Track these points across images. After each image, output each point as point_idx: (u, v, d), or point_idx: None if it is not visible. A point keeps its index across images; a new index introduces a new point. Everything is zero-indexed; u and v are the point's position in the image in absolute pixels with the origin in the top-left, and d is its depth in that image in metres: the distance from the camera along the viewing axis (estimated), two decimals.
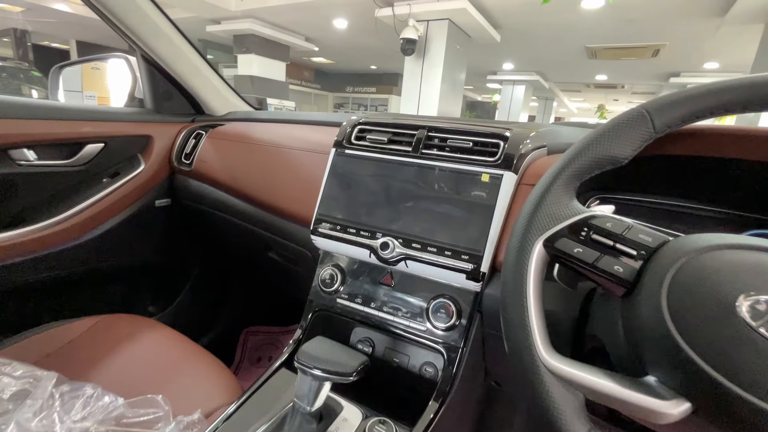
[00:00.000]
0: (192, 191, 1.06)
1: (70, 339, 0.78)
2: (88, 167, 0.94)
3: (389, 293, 0.68)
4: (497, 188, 0.60)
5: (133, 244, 1.06)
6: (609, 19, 4.45)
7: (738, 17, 3.71)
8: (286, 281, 1.12)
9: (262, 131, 0.96)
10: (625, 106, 13.59)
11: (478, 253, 0.58)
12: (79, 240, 0.92)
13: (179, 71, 1.04)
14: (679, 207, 0.56)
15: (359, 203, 0.69)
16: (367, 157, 0.71)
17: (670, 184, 0.59)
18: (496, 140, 0.63)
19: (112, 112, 0.99)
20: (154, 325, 0.85)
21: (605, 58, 6.47)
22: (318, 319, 0.74)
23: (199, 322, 1.32)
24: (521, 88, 8.78)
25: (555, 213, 0.38)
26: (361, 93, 11.25)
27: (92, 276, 1.01)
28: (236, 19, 6.11)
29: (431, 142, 0.67)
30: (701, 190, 0.54)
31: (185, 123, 1.11)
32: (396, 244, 0.63)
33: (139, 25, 0.91)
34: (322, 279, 0.73)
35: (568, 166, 0.38)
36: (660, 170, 0.54)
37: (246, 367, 1.38)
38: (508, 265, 0.38)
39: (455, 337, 0.61)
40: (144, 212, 1.04)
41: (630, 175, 0.50)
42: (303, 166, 0.81)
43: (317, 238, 0.71)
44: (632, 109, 0.38)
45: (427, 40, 4.75)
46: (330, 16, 5.62)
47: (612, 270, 0.34)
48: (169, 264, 1.21)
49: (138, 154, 1.03)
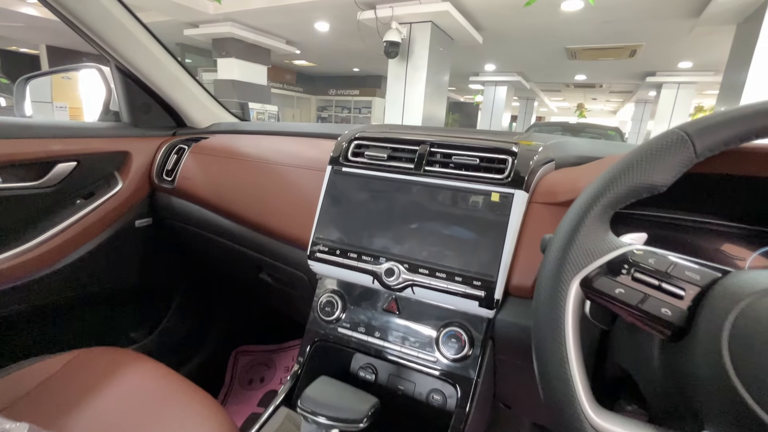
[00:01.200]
0: (175, 210, 1.00)
1: (43, 378, 0.71)
2: (60, 188, 0.87)
3: (394, 321, 0.63)
4: (508, 208, 0.56)
5: (113, 268, 0.98)
6: (588, 20, 4.52)
7: (711, 18, 3.82)
8: (280, 303, 1.06)
9: (250, 145, 0.91)
10: (603, 105, 13.92)
11: (491, 278, 0.54)
12: (53, 267, 0.84)
13: (158, 82, 0.97)
14: (688, 221, 0.54)
15: (359, 225, 0.64)
16: (366, 175, 0.66)
17: (680, 197, 0.56)
18: (504, 156, 0.59)
19: (84, 128, 0.91)
20: (136, 358, 0.79)
21: (584, 59, 6.59)
22: (317, 350, 0.69)
23: (186, 346, 1.24)
24: (503, 88, 8.87)
25: (590, 248, 0.34)
26: (345, 96, 11.17)
27: (69, 305, 0.93)
28: (215, 23, 5.97)
29: (434, 159, 0.63)
30: (712, 203, 0.52)
31: (166, 137, 1.05)
32: (401, 270, 0.59)
33: (112, 34, 0.84)
34: (320, 307, 0.68)
35: (602, 196, 0.35)
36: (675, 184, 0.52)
37: (237, 390, 1.32)
38: (541, 308, 0.34)
39: (468, 368, 0.57)
40: (123, 234, 0.96)
41: None
42: (296, 184, 0.76)
43: (315, 263, 0.66)
44: (670, 132, 0.34)
45: (410, 42, 4.74)
46: (311, 19, 5.54)
47: (659, 313, 0.31)
48: (151, 286, 1.13)
49: (115, 171, 0.96)
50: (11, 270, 0.77)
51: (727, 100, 3.57)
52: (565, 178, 0.58)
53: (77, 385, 0.70)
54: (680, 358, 0.31)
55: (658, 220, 0.59)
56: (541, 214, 0.56)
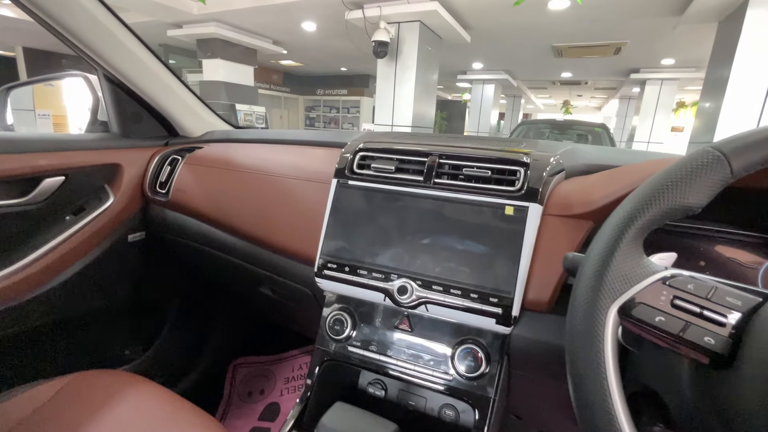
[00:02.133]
0: (169, 223, 0.96)
1: (38, 406, 0.68)
2: (48, 204, 0.82)
3: (407, 339, 0.62)
4: (523, 222, 0.55)
5: (106, 286, 0.94)
6: (574, 19, 4.56)
7: (694, 16, 3.88)
8: (280, 316, 1.04)
9: (247, 155, 0.88)
10: (588, 101, 14.11)
11: (508, 295, 0.53)
12: (44, 288, 0.80)
13: (149, 91, 0.93)
14: (703, 230, 0.54)
15: (368, 241, 0.62)
16: (373, 188, 0.64)
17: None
18: (516, 167, 0.58)
19: (72, 140, 0.87)
20: (132, 380, 0.75)
21: (570, 57, 6.65)
22: (326, 369, 0.67)
23: (182, 361, 1.21)
24: (491, 86, 8.91)
25: (627, 273, 0.33)
26: (333, 95, 11.09)
27: (60, 326, 0.89)
28: (199, 23, 5.85)
29: (443, 170, 0.61)
30: (725, 212, 0.52)
31: (157, 147, 1.01)
32: (414, 287, 0.57)
33: (100, 42, 0.80)
34: (329, 325, 0.65)
35: (637, 218, 0.33)
36: None
37: (236, 403, 1.29)
38: (579, 337, 0.33)
39: (485, 387, 0.56)
40: (116, 249, 0.93)
41: None
42: (299, 197, 0.74)
43: (323, 281, 0.64)
44: (704, 151, 0.33)
45: (399, 42, 4.71)
46: (298, 19, 5.48)
47: (702, 342, 0.30)
48: (145, 302, 1.10)
49: (105, 185, 0.92)
50: (1, 293, 0.73)
51: (712, 95, 3.64)
52: (579, 189, 0.57)
53: (73, 412, 0.66)
54: (722, 386, 0.30)
55: (671, 229, 0.58)
56: (555, 226, 0.55)
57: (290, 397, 1.30)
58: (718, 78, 3.52)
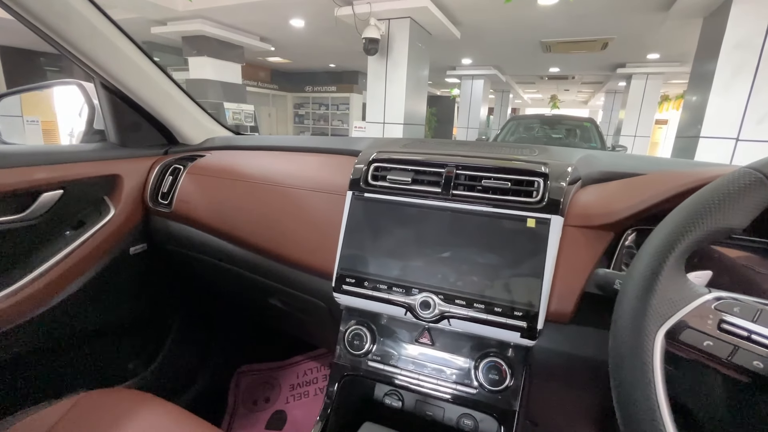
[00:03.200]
0: (172, 234, 0.94)
1: (48, 428, 0.66)
2: (46, 219, 0.79)
3: (428, 353, 0.61)
4: (545, 234, 0.54)
5: (109, 300, 0.92)
6: (563, 14, 4.59)
7: (680, 12, 3.94)
8: (289, 326, 1.02)
9: (252, 164, 0.86)
10: (575, 96, 14.26)
11: (533, 309, 0.53)
12: (46, 306, 0.77)
13: (148, 100, 0.90)
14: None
15: (387, 254, 0.61)
16: (389, 201, 0.63)
17: None
18: (535, 178, 0.58)
19: (69, 152, 0.84)
20: (142, 400, 0.73)
21: (558, 52, 6.70)
22: (345, 383, 0.66)
23: (187, 372, 1.19)
24: (480, 82, 8.93)
25: (672, 297, 0.32)
26: (321, 92, 10.99)
27: (63, 344, 0.86)
28: (184, 20, 5.72)
29: (461, 181, 0.61)
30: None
31: (157, 156, 0.98)
32: (437, 302, 0.57)
33: (98, 51, 0.77)
34: (348, 340, 0.64)
35: (680, 241, 0.33)
36: None
37: (242, 413, 1.27)
38: (626, 364, 0.32)
39: (509, 399, 0.56)
40: (118, 262, 0.90)
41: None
42: (310, 209, 0.72)
43: (341, 296, 0.63)
44: (743, 172, 0.33)
45: (390, 39, 4.68)
46: (286, 16, 5.39)
47: (751, 366, 0.30)
48: (148, 314, 1.07)
49: (105, 197, 0.89)
50: (2, 314, 0.71)
51: (698, 89, 3.70)
52: (598, 199, 0.57)
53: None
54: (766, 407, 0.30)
55: None
56: (576, 238, 0.55)
57: (296, 405, 1.29)
58: (705, 72, 3.59)
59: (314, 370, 1.40)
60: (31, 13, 0.66)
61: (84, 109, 1.22)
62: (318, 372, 1.39)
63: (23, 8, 0.65)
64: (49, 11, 0.68)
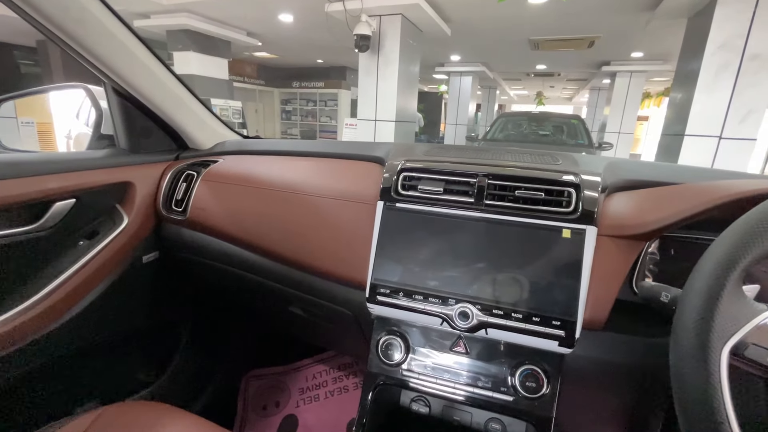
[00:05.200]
0: (186, 242, 0.92)
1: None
2: (59, 230, 0.77)
3: (463, 362, 0.62)
4: (581, 244, 0.56)
5: (123, 310, 0.90)
6: (552, 13, 4.64)
7: (666, 12, 4.03)
8: (310, 334, 1.02)
9: (269, 170, 0.85)
10: (560, 92, 14.48)
11: (571, 318, 0.54)
12: (62, 320, 0.75)
13: (160, 105, 0.88)
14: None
15: (421, 265, 0.61)
16: (422, 211, 0.63)
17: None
18: (568, 188, 0.59)
19: (81, 159, 0.81)
20: (165, 412, 0.72)
21: (546, 49, 6.78)
22: (378, 392, 0.67)
23: (197, 380, 1.17)
24: (468, 78, 8.97)
25: (735, 314, 0.34)
26: (309, 88, 10.85)
27: (78, 357, 0.84)
28: (168, 13, 5.56)
29: (493, 191, 0.61)
30: None
31: (168, 162, 0.96)
32: (475, 312, 0.57)
33: (113, 56, 0.75)
34: (381, 350, 0.65)
35: (741, 258, 0.34)
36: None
37: (252, 418, 1.26)
38: (689, 378, 0.34)
39: (546, 406, 0.57)
40: (132, 272, 0.88)
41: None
42: (337, 218, 0.72)
43: (375, 306, 0.63)
44: None
45: (381, 36, 4.65)
46: (275, 10, 5.30)
47: None
48: (159, 323, 1.05)
49: (117, 205, 0.87)
50: (16, 330, 0.68)
51: (683, 87, 3.80)
52: (629, 209, 0.58)
53: None
54: None
55: (703, 242, 0.61)
56: (609, 247, 0.56)
57: (307, 408, 1.29)
58: (689, 72, 3.68)
59: (323, 374, 1.39)
60: (49, 19, 0.64)
61: (82, 111, 1.18)
62: (327, 375, 1.39)
63: (41, 14, 0.63)
64: (66, 16, 0.65)
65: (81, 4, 0.66)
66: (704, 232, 0.61)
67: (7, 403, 0.75)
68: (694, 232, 0.61)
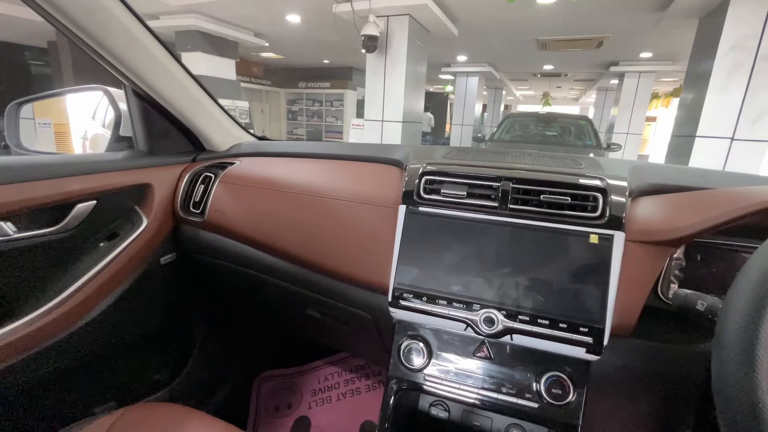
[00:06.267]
0: (202, 243, 0.92)
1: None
2: (80, 231, 0.77)
3: (487, 368, 0.61)
4: (609, 250, 0.55)
5: (142, 311, 0.90)
6: (561, 13, 4.61)
7: (676, 12, 3.99)
8: (327, 337, 1.02)
9: (288, 173, 0.84)
10: (567, 93, 14.39)
11: (599, 324, 0.53)
12: (82, 321, 0.76)
13: (180, 107, 0.88)
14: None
15: (445, 269, 0.61)
16: (445, 215, 0.63)
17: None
18: (594, 193, 0.58)
19: (101, 161, 0.82)
20: (187, 414, 0.73)
21: (554, 50, 6.74)
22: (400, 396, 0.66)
23: (212, 379, 1.18)
24: (475, 79, 8.94)
25: None
26: (315, 89, 10.88)
27: (98, 358, 0.85)
28: (177, 14, 5.60)
29: (517, 195, 0.61)
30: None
31: (186, 164, 0.96)
32: (500, 318, 0.57)
33: (135, 58, 0.75)
34: (404, 354, 0.64)
35: None
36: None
37: (265, 419, 1.27)
38: (735, 396, 0.33)
39: (572, 414, 0.57)
40: (150, 273, 0.88)
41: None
42: (357, 221, 0.72)
43: (398, 311, 0.63)
44: None
45: (389, 36, 4.65)
46: (282, 11, 5.32)
47: None
48: (175, 324, 1.06)
49: (135, 206, 0.87)
50: (38, 332, 0.69)
51: (695, 88, 3.76)
52: (657, 214, 0.57)
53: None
54: None
55: (736, 248, 0.60)
56: (637, 253, 0.56)
57: (320, 410, 1.29)
58: (701, 72, 3.65)
59: (335, 375, 1.39)
60: (74, 22, 0.64)
61: (98, 112, 1.19)
62: (339, 377, 1.38)
63: (67, 17, 0.63)
64: (91, 20, 0.65)
65: (105, 7, 0.67)
66: (732, 238, 0.60)
67: (31, 403, 0.75)
68: (721, 238, 0.61)
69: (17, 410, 0.73)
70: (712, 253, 0.62)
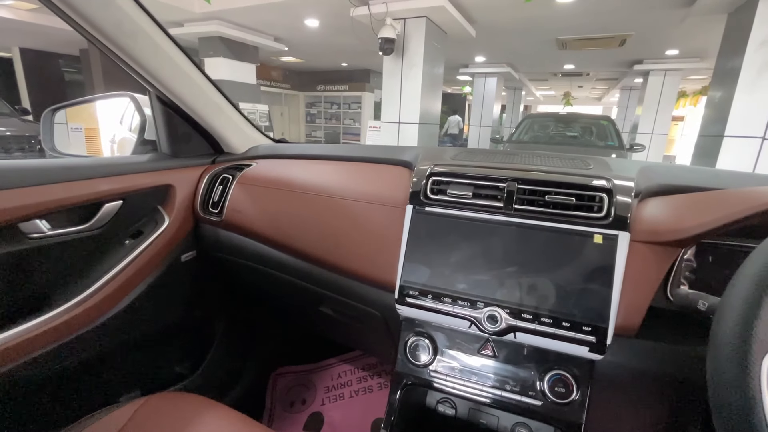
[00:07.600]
0: (221, 242, 0.96)
1: (117, 429, 0.69)
2: (108, 229, 0.83)
3: (491, 365, 0.62)
4: (613, 250, 0.55)
5: (163, 306, 0.95)
6: (581, 11, 4.53)
7: (703, 8, 3.86)
8: (338, 334, 1.04)
9: (302, 174, 0.88)
10: (589, 92, 14.07)
11: (602, 324, 0.54)
12: (108, 314, 0.81)
13: (201, 112, 0.93)
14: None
15: (450, 268, 0.62)
16: (451, 215, 0.64)
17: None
18: (600, 193, 0.58)
19: (129, 163, 0.87)
20: (206, 405, 0.76)
21: (574, 49, 6.62)
22: (405, 392, 0.68)
23: (229, 375, 1.22)
24: (493, 79, 8.86)
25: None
26: (333, 91, 11.01)
27: (121, 350, 0.90)
28: (201, 21, 5.79)
29: (522, 196, 0.62)
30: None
31: (206, 165, 1.01)
32: (504, 316, 0.58)
33: (161, 68, 0.80)
34: (409, 351, 0.66)
35: None
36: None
37: (280, 413, 1.30)
38: (728, 393, 0.33)
39: (575, 412, 0.57)
40: (172, 270, 0.93)
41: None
42: (368, 221, 0.74)
43: (404, 308, 0.65)
44: None
45: (405, 38, 4.68)
46: (301, 16, 5.43)
47: None
48: (194, 319, 1.10)
49: (158, 206, 0.92)
50: (66, 324, 0.74)
51: (723, 86, 3.63)
52: (666, 215, 0.57)
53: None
54: None
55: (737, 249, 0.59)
56: (643, 253, 0.56)
57: (332, 407, 1.32)
58: (729, 69, 3.51)
59: (348, 373, 1.42)
60: (103, 33, 0.69)
61: (125, 117, 1.25)
62: (352, 374, 1.41)
63: (97, 29, 0.68)
64: (120, 31, 0.70)
65: (132, 19, 0.72)
66: (743, 239, 0.59)
67: (60, 389, 0.81)
68: (732, 240, 0.60)
69: (47, 395, 0.78)
70: (723, 254, 0.61)
